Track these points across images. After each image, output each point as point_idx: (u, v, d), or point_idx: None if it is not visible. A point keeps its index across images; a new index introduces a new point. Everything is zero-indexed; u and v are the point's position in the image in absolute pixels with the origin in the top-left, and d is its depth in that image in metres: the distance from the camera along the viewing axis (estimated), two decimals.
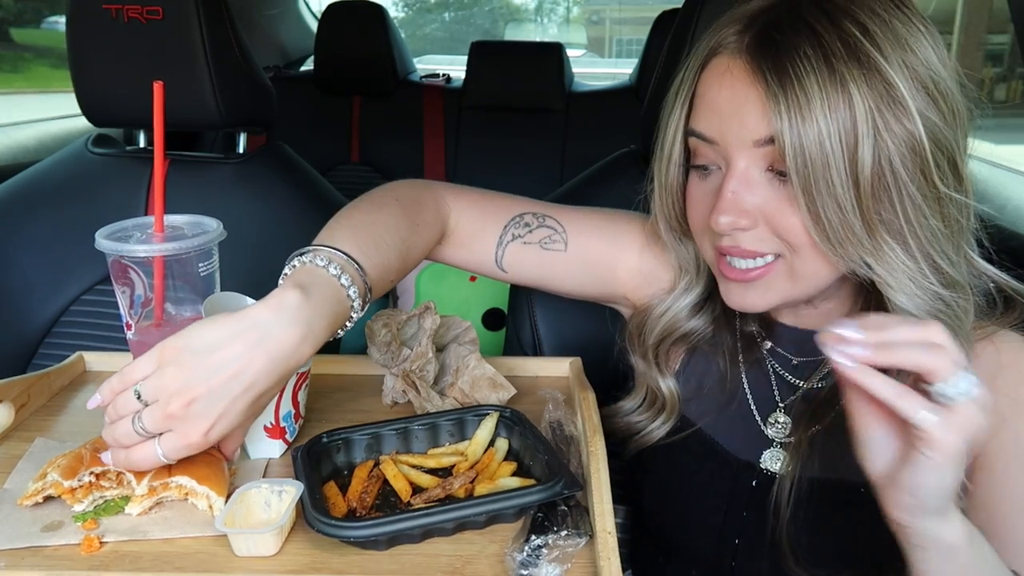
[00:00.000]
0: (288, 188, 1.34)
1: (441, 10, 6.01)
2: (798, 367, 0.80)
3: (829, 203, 0.63)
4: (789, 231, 0.67)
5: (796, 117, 0.62)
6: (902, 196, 0.64)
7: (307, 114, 2.68)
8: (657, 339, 0.85)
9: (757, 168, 0.67)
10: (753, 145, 0.66)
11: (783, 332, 0.82)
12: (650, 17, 2.70)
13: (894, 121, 0.63)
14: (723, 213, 0.68)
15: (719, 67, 0.69)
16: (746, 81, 0.66)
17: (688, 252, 0.82)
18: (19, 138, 1.92)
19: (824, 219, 0.64)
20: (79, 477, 0.62)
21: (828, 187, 0.63)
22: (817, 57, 0.62)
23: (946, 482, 0.54)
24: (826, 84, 0.62)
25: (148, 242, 0.77)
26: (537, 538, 0.59)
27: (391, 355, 0.81)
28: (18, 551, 0.59)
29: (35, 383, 0.82)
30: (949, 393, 0.52)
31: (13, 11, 3.18)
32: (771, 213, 0.68)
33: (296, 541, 0.61)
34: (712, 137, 0.69)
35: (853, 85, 0.62)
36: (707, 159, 0.71)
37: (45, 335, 1.28)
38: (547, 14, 5.87)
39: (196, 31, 1.21)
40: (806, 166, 0.63)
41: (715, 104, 0.69)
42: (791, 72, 0.62)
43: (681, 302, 0.84)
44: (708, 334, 0.84)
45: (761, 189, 0.68)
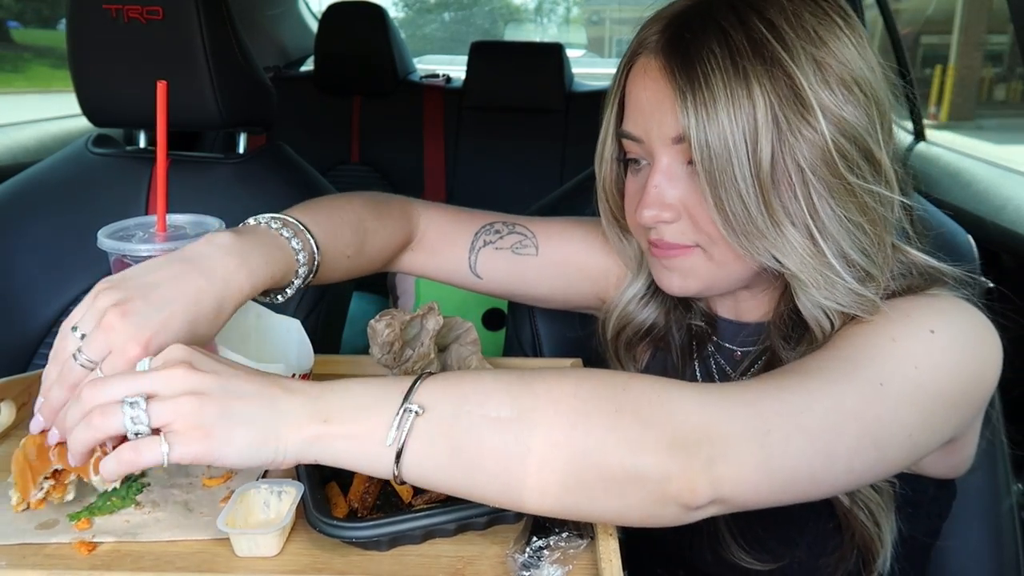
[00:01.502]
0: (288, 188, 1.34)
1: (441, 10, 6.01)
2: (742, 358, 0.81)
3: (733, 197, 0.65)
4: (707, 223, 0.69)
5: (702, 115, 0.64)
6: (807, 190, 0.65)
7: (307, 114, 2.68)
8: (615, 332, 0.87)
9: (679, 163, 0.70)
10: (671, 142, 0.69)
11: (724, 326, 0.83)
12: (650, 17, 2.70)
13: (795, 117, 0.64)
14: (647, 207, 0.71)
15: (640, 67, 0.71)
16: (661, 81, 0.68)
17: (630, 247, 0.84)
18: (19, 138, 1.92)
19: (729, 212, 0.66)
20: (39, 486, 0.61)
21: (732, 182, 0.65)
22: (723, 55, 0.64)
23: (247, 437, 0.53)
24: (731, 82, 0.64)
25: (150, 241, 0.77)
26: (538, 539, 0.59)
27: (393, 356, 0.81)
28: (19, 551, 0.59)
29: (36, 382, 0.81)
30: (143, 426, 0.52)
31: (23, 12, 3.18)
32: (691, 206, 0.70)
33: (297, 541, 0.61)
34: (638, 136, 0.72)
35: (756, 83, 0.64)
36: (637, 155, 0.74)
37: (46, 334, 1.28)
38: (547, 14, 5.88)
39: (196, 31, 1.21)
40: (711, 161, 0.65)
41: (638, 103, 0.72)
42: (698, 71, 0.65)
43: (627, 294, 0.86)
44: (661, 330, 0.86)
45: (682, 183, 0.70)
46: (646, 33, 0.72)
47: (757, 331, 0.80)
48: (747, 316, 0.82)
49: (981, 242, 1.03)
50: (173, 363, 0.54)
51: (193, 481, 0.68)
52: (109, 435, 0.53)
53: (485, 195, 2.63)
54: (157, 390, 0.53)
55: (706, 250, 0.72)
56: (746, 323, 0.82)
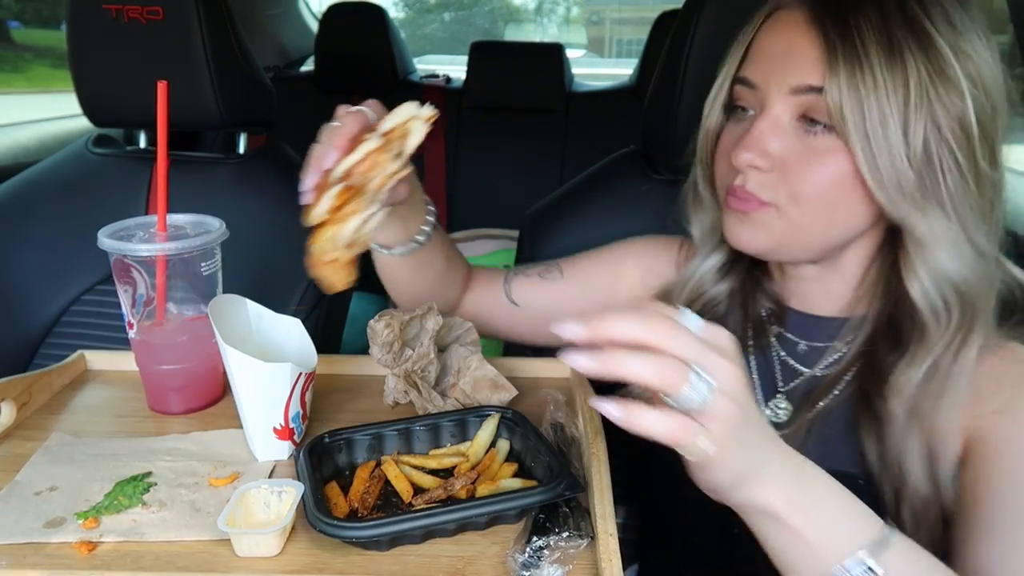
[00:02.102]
0: (288, 188, 1.34)
1: (441, 10, 6.00)
2: (805, 353, 0.81)
3: (885, 157, 0.66)
4: (801, 181, 0.70)
5: (855, 70, 0.65)
6: (946, 164, 0.67)
7: (307, 114, 2.66)
8: (687, 303, 0.87)
9: (788, 115, 0.70)
10: (790, 92, 0.69)
11: (792, 317, 0.83)
12: (650, 17, 2.70)
13: (945, 95, 0.66)
14: (746, 149, 0.71)
15: (780, 18, 0.73)
16: (802, 29, 0.69)
17: (714, 212, 0.85)
18: (20, 138, 1.92)
19: (883, 166, 0.66)
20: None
21: (886, 138, 0.66)
22: (878, 21, 0.66)
23: (732, 470, 0.53)
24: (884, 47, 0.65)
25: (151, 241, 0.77)
26: (538, 539, 0.59)
27: (393, 356, 0.81)
28: (20, 550, 0.59)
29: (36, 382, 0.82)
30: (692, 403, 0.49)
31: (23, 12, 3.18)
32: (790, 161, 0.70)
33: (298, 541, 0.61)
34: (755, 81, 0.72)
35: (909, 54, 0.65)
36: (745, 103, 0.74)
37: (46, 334, 1.28)
38: (547, 14, 5.87)
39: (196, 31, 1.21)
40: (863, 119, 0.66)
41: (766, 50, 0.72)
42: (852, 27, 0.66)
43: (705, 265, 0.87)
44: (721, 310, 0.86)
45: (787, 137, 0.70)
46: None
47: (826, 326, 0.80)
48: (817, 309, 0.81)
49: None
50: (729, 356, 0.51)
51: (199, 481, 0.68)
52: (651, 383, 0.49)
53: (485, 195, 2.63)
54: (717, 377, 0.50)
55: (782, 210, 0.72)
56: (816, 316, 0.81)
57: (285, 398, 0.71)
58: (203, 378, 0.82)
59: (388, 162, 0.68)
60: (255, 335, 0.79)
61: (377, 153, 0.67)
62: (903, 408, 0.70)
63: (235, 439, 0.76)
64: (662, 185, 1.15)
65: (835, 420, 0.77)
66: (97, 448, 0.73)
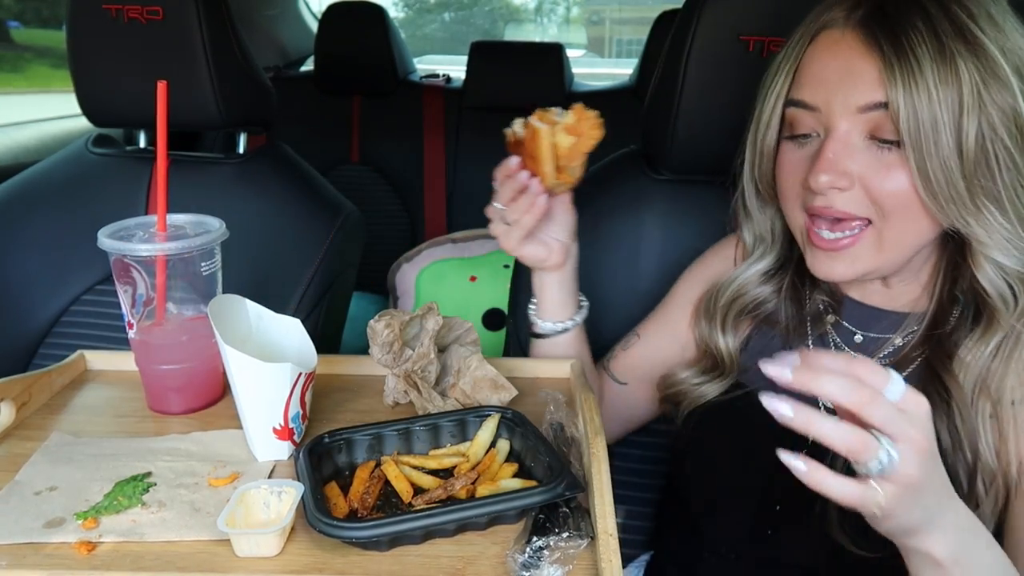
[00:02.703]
0: (288, 188, 1.34)
1: (441, 10, 6.00)
2: (861, 344, 0.83)
3: (936, 165, 0.69)
4: (885, 195, 0.72)
5: (910, 84, 0.68)
6: (1000, 163, 0.70)
7: (307, 114, 2.67)
8: (727, 301, 0.91)
9: (858, 134, 0.72)
10: (858, 111, 0.71)
11: (850, 306, 0.85)
12: (650, 17, 2.70)
13: (997, 95, 0.69)
14: (823, 172, 0.72)
15: (828, 39, 0.74)
16: (859, 51, 0.71)
17: (766, 220, 0.89)
18: (19, 138, 1.92)
19: (932, 179, 0.69)
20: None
21: (937, 150, 0.68)
22: (928, 32, 0.68)
23: (904, 524, 0.58)
24: (936, 57, 0.68)
25: (151, 241, 0.77)
26: (538, 539, 0.59)
27: (393, 356, 0.81)
28: (20, 549, 0.59)
29: (36, 382, 0.82)
30: (873, 471, 0.54)
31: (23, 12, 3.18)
32: (869, 177, 0.72)
33: (297, 541, 0.61)
34: (815, 104, 0.74)
35: (960, 60, 0.68)
36: (806, 127, 0.76)
37: (46, 334, 1.28)
38: (547, 14, 5.87)
39: (196, 31, 1.21)
40: (918, 130, 0.68)
41: (822, 74, 0.74)
42: (905, 44, 0.68)
43: (753, 269, 0.90)
44: (771, 307, 0.90)
45: (860, 155, 0.72)
46: (834, 13, 0.75)
47: (884, 318, 0.83)
48: (878, 302, 0.84)
49: None
50: (921, 425, 0.55)
51: (199, 481, 0.68)
52: (839, 450, 0.54)
53: (485, 195, 2.60)
54: (902, 448, 0.54)
55: (876, 226, 0.73)
56: (875, 308, 0.84)
57: (285, 398, 0.71)
58: (203, 378, 0.82)
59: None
60: (255, 335, 0.79)
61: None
62: (971, 383, 0.75)
63: (235, 439, 0.76)
64: (662, 185, 1.15)
65: None
66: (97, 448, 0.73)
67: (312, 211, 1.32)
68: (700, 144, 1.07)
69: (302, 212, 1.32)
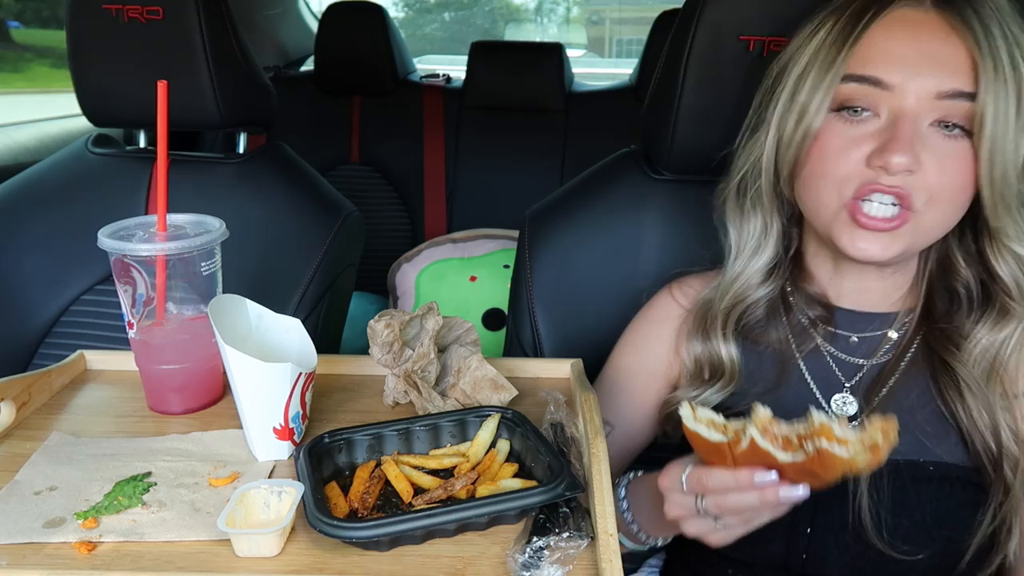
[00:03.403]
0: (288, 188, 1.34)
1: (441, 10, 6.00)
2: (858, 344, 0.83)
3: (1006, 162, 0.70)
4: (945, 184, 0.71)
5: (1001, 78, 0.68)
6: None
7: (307, 114, 2.67)
8: (728, 306, 0.86)
9: (928, 118, 0.71)
10: (937, 96, 0.70)
11: (840, 315, 0.85)
12: (650, 17, 2.69)
13: None
14: (901, 153, 0.70)
15: (904, 17, 0.73)
16: (943, 34, 0.70)
17: (762, 216, 0.85)
18: (19, 138, 1.92)
19: (999, 176, 0.70)
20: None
21: (1012, 148, 0.69)
22: (998, 26, 0.69)
23: None
24: (1008, 53, 0.68)
25: (151, 241, 0.77)
26: (539, 539, 0.59)
27: (393, 356, 0.81)
28: (20, 549, 0.59)
29: (36, 381, 0.82)
30: None
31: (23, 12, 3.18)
32: (929, 165, 0.71)
33: (298, 541, 0.61)
34: (891, 82, 0.71)
35: (1021, 60, 0.69)
36: (864, 102, 0.73)
37: (46, 334, 1.28)
38: (547, 14, 5.86)
39: (196, 31, 1.21)
40: (998, 126, 0.68)
41: (898, 51, 0.72)
42: (996, 35, 0.68)
43: (755, 265, 0.86)
44: (761, 319, 0.87)
45: (926, 140, 0.71)
46: None
47: (875, 319, 0.83)
48: (870, 307, 0.84)
49: None
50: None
51: (199, 481, 0.68)
52: None
53: (485, 195, 2.63)
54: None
55: (919, 215, 0.72)
56: (866, 313, 0.84)
57: (285, 398, 0.71)
58: (203, 378, 0.82)
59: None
60: (255, 335, 0.79)
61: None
62: (982, 368, 0.76)
63: (235, 439, 0.76)
64: (662, 185, 1.15)
65: (915, 403, 0.79)
66: (97, 448, 0.73)
67: (312, 211, 1.32)
68: (700, 144, 1.07)
69: (302, 212, 1.32)
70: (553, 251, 1.15)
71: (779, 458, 0.60)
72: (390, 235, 2.61)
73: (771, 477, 0.62)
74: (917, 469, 0.77)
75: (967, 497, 0.77)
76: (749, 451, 0.61)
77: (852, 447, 0.58)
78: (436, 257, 2.06)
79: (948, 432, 0.78)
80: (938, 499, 0.76)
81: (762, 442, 0.61)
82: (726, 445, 0.63)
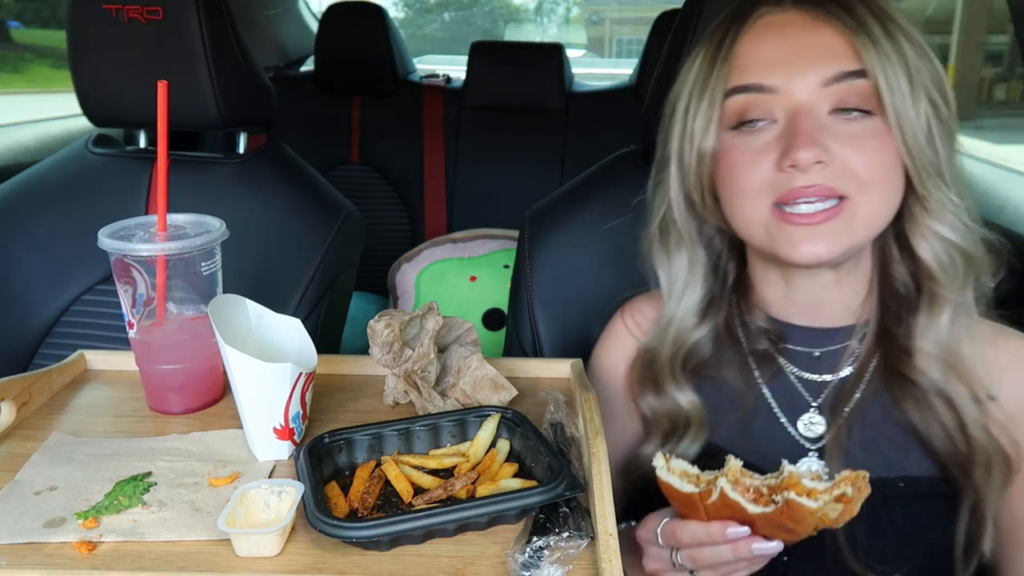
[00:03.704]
0: (288, 188, 1.34)
1: (441, 10, 6.01)
2: (821, 360, 0.81)
3: (915, 132, 0.70)
4: (865, 166, 0.71)
5: (883, 53, 0.69)
6: (940, 136, 0.71)
7: (307, 114, 2.67)
8: (671, 353, 0.84)
9: (823, 109, 0.71)
10: (823, 84, 0.71)
11: (797, 334, 0.82)
12: (650, 17, 2.69)
13: (929, 69, 0.71)
14: (806, 147, 0.69)
15: (767, 23, 0.74)
16: (811, 28, 0.72)
17: (689, 252, 0.83)
18: (19, 138, 1.92)
19: (914, 146, 0.70)
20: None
21: (914, 117, 0.69)
22: (867, 8, 0.71)
23: None
24: (883, 32, 0.70)
25: (151, 241, 0.77)
26: (539, 539, 0.59)
27: (393, 355, 0.81)
28: (20, 549, 0.59)
29: (36, 381, 0.82)
30: None
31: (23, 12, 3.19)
32: (845, 150, 0.70)
33: (298, 541, 0.61)
34: (772, 86, 0.72)
35: (900, 36, 0.70)
36: (758, 112, 0.73)
37: (46, 334, 1.28)
38: (547, 14, 5.87)
39: (196, 31, 1.21)
40: (896, 96, 0.69)
41: (771, 55, 0.73)
42: (860, 16, 0.70)
43: (684, 306, 0.84)
44: (709, 356, 0.84)
45: (829, 129, 0.71)
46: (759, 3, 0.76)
47: (835, 333, 0.81)
48: (827, 321, 0.81)
49: None
50: None
51: (199, 480, 0.68)
52: None
53: (485, 196, 2.63)
54: None
55: (852, 201, 0.71)
56: (824, 328, 0.81)
57: (285, 398, 0.71)
58: (203, 378, 0.82)
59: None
60: (255, 335, 0.79)
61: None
62: (936, 366, 0.74)
63: (235, 439, 0.76)
64: None
65: (877, 418, 0.78)
66: (97, 448, 0.73)
67: (312, 211, 1.32)
68: None
69: (302, 212, 1.32)
70: (553, 251, 1.15)
71: (749, 510, 0.60)
72: (390, 235, 2.61)
73: (743, 531, 0.61)
74: (887, 487, 0.75)
75: (939, 510, 0.75)
76: (720, 503, 0.61)
77: (821, 499, 0.58)
78: (436, 257, 2.06)
79: (913, 444, 0.76)
80: (911, 516, 0.75)
81: (732, 494, 0.60)
82: (697, 496, 0.62)
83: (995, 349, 0.77)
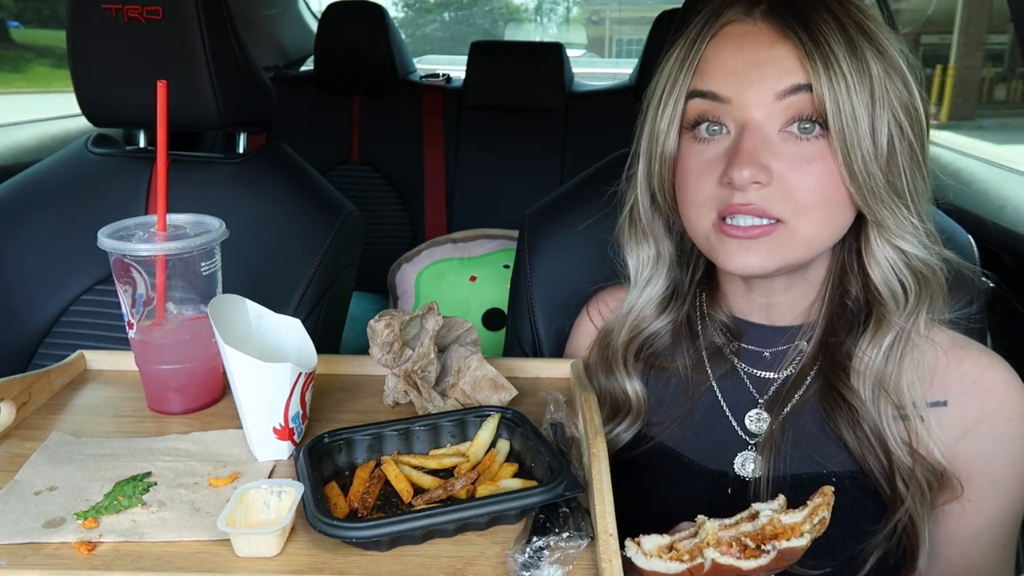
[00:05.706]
0: (288, 188, 1.34)
1: (441, 10, 6.01)
2: (770, 359, 0.83)
3: (860, 155, 0.69)
4: (806, 190, 0.70)
5: (831, 71, 0.68)
6: (904, 156, 0.71)
7: (307, 114, 2.68)
8: (626, 341, 0.86)
9: (774, 125, 0.71)
10: (776, 98, 0.70)
11: (753, 331, 0.84)
12: (650, 17, 2.69)
13: (899, 90, 0.70)
14: (745, 166, 0.69)
15: (733, 33, 0.73)
16: (770, 40, 0.71)
17: (653, 244, 0.86)
18: (19, 138, 1.92)
19: (857, 169, 0.69)
20: None
21: (859, 139, 0.68)
22: (836, 25, 0.70)
23: None
24: (848, 48, 0.68)
25: (150, 241, 0.77)
26: (538, 539, 0.59)
27: (393, 355, 0.81)
28: (19, 549, 0.59)
29: (36, 381, 0.82)
30: None
31: (23, 12, 3.19)
32: (788, 172, 0.70)
33: (297, 541, 0.61)
34: (726, 95, 0.72)
35: (867, 53, 0.69)
36: (712, 117, 0.74)
37: (46, 334, 1.28)
38: (547, 14, 5.87)
39: (196, 31, 1.21)
40: (841, 116, 0.68)
41: (730, 64, 0.73)
42: (818, 33, 0.69)
43: (646, 296, 0.86)
44: (665, 347, 0.86)
45: (778, 148, 0.71)
46: (736, 7, 0.74)
47: (785, 333, 0.82)
48: (780, 320, 0.83)
49: (981, 242, 1.03)
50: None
51: (199, 481, 0.68)
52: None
53: (485, 195, 2.63)
54: None
55: (790, 225, 0.71)
56: (776, 327, 0.83)
57: (285, 398, 0.71)
58: (203, 378, 0.82)
59: None
60: (255, 335, 0.79)
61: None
62: (869, 386, 0.75)
63: (235, 439, 0.76)
64: None
65: (808, 421, 0.79)
66: (97, 448, 0.73)
67: (312, 211, 1.32)
68: None
69: (302, 212, 1.32)
70: (553, 251, 1.15)
71: (744, 568, 0.60)
72: (390, 235, 2.61)
73: None
74: (816, 483, 0.74)
75: (865, 508, 0.76)
76: (713, 570, 0.60)
77: (807, 533, 0.60)
78: (436, 257, 2.06)
79: (840, 450, 0.78)
80: (840, 510, 0.74)
81: (723, 559, 0.60)
82: (688, 573, 0.61)
83: (948, 359, 0.77)
